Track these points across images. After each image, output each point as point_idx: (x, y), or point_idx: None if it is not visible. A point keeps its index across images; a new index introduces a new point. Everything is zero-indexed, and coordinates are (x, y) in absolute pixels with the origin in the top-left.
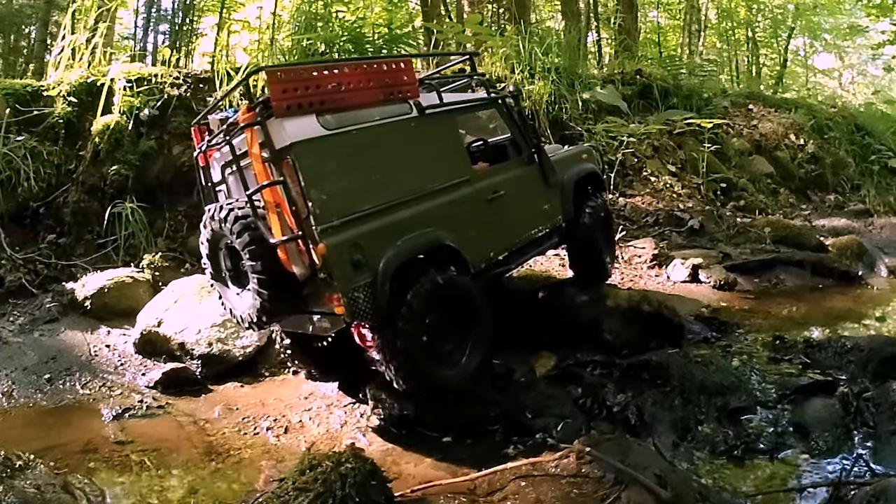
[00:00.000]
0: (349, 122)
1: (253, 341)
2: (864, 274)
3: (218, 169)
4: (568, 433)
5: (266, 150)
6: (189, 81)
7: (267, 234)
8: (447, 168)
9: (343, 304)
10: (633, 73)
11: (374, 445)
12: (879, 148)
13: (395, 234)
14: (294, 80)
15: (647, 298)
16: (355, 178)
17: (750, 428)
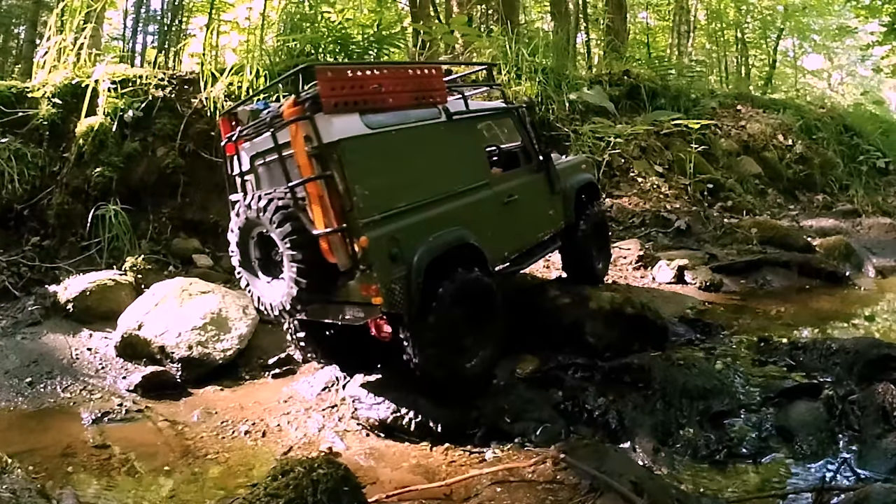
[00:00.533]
0: (388, 123)
1: (233, 344)
2: (852, 274)
3: (246, 159)
4: (547, 438)
5: (312, 144)
6: (174, 83)
7: (308, 225)
8: (471, 171)
9: (381, 294)
10: (620, 74)
11: (352, 450)
12: (868, 148)
13: (427, 230)
14: (342, 78)
15: (630, 300)
16: (393, 176)
17: (732, 432)
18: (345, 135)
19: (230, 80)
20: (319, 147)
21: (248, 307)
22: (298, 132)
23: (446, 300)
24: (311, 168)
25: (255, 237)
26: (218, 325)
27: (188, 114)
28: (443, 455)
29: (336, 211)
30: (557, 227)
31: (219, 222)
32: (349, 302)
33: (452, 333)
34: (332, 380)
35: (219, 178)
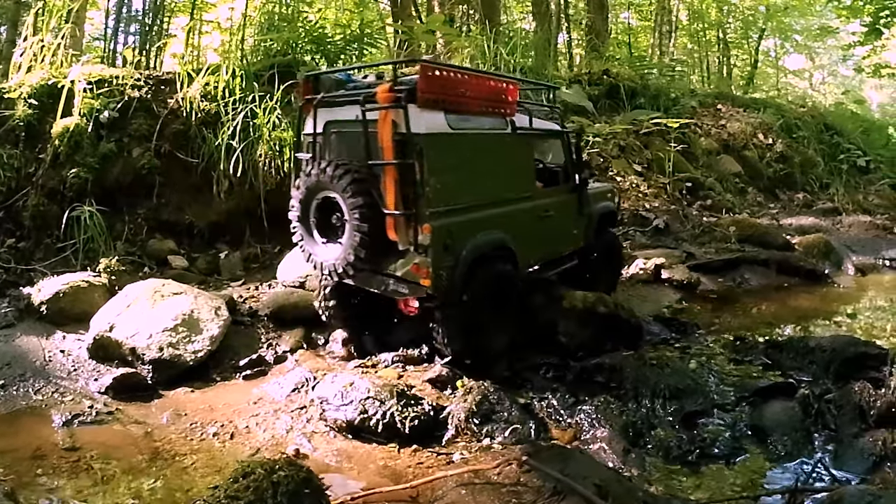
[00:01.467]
0: (465, 126)
1: (204, 346)
2: (831, 272)
3: (321, 123)
4: (516, 439)
5: (398, 130)
6: (150, 83)
7: (379, 202)
8: (521, 183)
9: (430, 278)
10: (600, 74)
11: (319, 451)
12: (848, 147)
13: (476, 229)
14: (440, 77)
15: (603, 300)
16: (460, 175)
17: (706, 432)
18: (431, 130)
19: (206, 80)
20: (407, 136)
21: (220, 308)
22: (388, 117)
23: (480, 287)
24: (393, 152)
25: (319, 199)
26: (189, 327)
27: (164, 114)
28: (410, 456)
29: (407, 196)
30: (577, 246)
31: (194, 223)
32: (396, 277)
33: (479, 315)
34: (302, 381)
35: (194, 178)
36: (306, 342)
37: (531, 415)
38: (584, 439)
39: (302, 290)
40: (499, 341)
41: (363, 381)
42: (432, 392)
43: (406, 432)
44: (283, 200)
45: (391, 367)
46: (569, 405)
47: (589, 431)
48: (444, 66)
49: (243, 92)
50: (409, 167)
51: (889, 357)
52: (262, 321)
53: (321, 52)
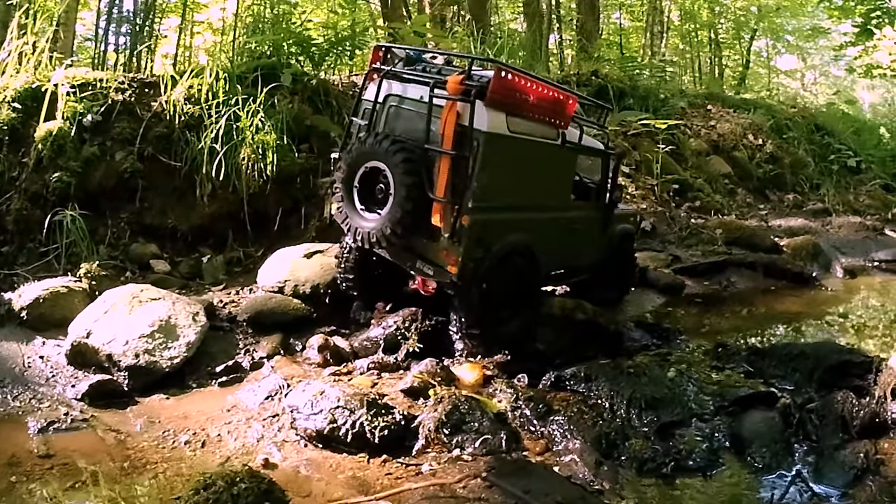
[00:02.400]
0: (522, 131)
1: (181, 352)
2: (819, 275)
3: (384, 94)
4: (486, 450)
5: (461, 123)
6: (134, 86)
7: (427, 187)
8: (559, 193)
9: (458, 266)
10: (589, 74)
11: (288, 461)
12: (839, 147)
13: (508, 229)
14: (510, 81)
15: (582, 306)
16: (507, 177)
17: (682, 444)
18: (491, 129)
19: (190, 82)
20: (468, 130)
21: (198, 314)
22: (454, 108)
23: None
24: (452, 142)
25: (367, 168)
26: (166, 333)
27: (147, 117)
28: (379, 467)
29: (456, 186)
30: (593, 262)
31: (177, 227)
32: (425, 258)
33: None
34: (276, 388)
35: (177, 182)
36: (284, 348)
37: (503, 425)
38: (556, 450)
39: (281, 294)
40: (513, 332)
41: (334, 390)
42: (404, 401)
43: (376, 442)
44: (267, 204)
45: (366, 375)
46: (542, 415)
47: (561, 443)
48: (517, 70)
49: (227, 95)
50: (463, 160)
51: (874, 365)
52: (241, 327)
53: (306, 55)
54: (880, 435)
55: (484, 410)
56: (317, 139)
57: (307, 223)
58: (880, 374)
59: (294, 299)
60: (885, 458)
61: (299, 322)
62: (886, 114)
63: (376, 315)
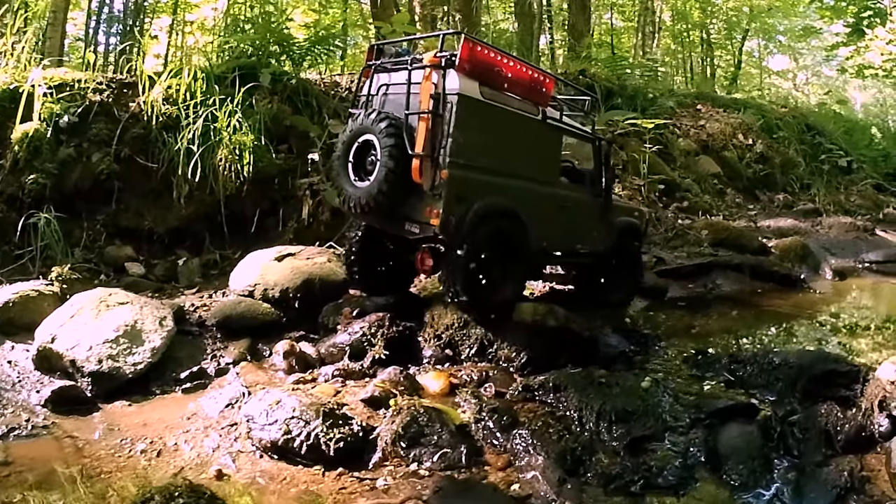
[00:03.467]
0: (497, 100)
1: (145, 358)
2: (808, 277)
3: (376, 85)
4: (445, 464)
5: (437, 88)
6: (113, 86)
7: (408, 147)
8: (544, 168)
9: (440, 218)
10: (576, 74)
11: (242, 473)
12: (830, 147)
13: (491, 190)
14: (479, 52)
15: (553, 312)
16: (483, 140)
17: (653, 459)
18: (464, 92)
19: (169, 83)
20: (442, 92)
21: (165, 318)
22: (430, 77)
23: (485, 238)
24: (428, 104)
25: (360, 143)
26: (131, 338)
27: (125, 118)
28: (334, 481)
29: (433, 143)
30: (594, 248)
31: (154, 229)
32: (411, 218)
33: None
34: (237, 396)
35: (154, 183)
36: (251, 353)
37: (465, 438)
38: (519, 466)
39: (250, 298)
40: (504, 293)
41: (290, 399)
42: (364, 411)
43: (331, 455)
44: (244, 205)
45: (330, 383)
46: (506, 427)
47: (524, 458)
48: (486, 44)
49: (204, 95)
50: (439, 117)
51: (861, 375)
52: (210, 331)
53: (286, 54)
54: (866, 450)
55: (445, 422)
56: (296, 139)
57: (285, 225)
58: (867, 385)
59: (263, 303)
60: (870, 476)
61: (268, 327)
62: (878, 114)
63: (342, 320)
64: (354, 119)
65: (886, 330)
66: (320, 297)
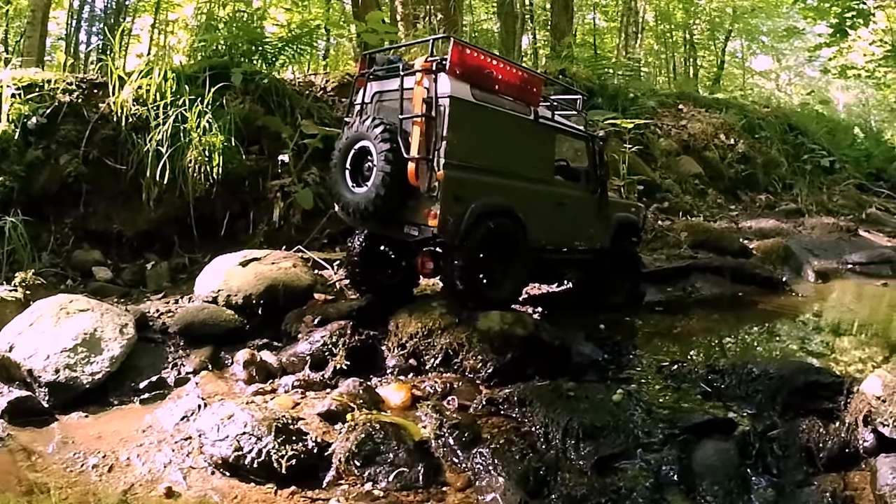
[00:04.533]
0: (488, 101)
1: (103, 367)
2: (790, 279)
3: (370, 93)
4: (401, 484)
5: (430, 92)
6: (83, 87)
7: (403, 151)
8: (538, 166)
9: (437, 220)
10: (556, 73)
11: (192, 490)
12: (813, 147)
13: (487, 190)
14: (469, 55)
15: (522, 321)
16: (477, 141)
17: (623, 479)
18: (455, 94)
19: (139, 83)
20: (434, 95)
21: (126, 326)
22: (422, 81)
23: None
24: (421, 108)
25: (356, 149)
26: (90, 347)
27: (94, 119)
28: (287, 499)
29: (428, 146)
30: (592, 245)
31: (122, 232)
32: (409, 222)
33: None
34: (193, 408)
35: (123, 186)
36: (213, 362)
37: (423, 455)
38: (479, 487)
39: (214, 305)
40: (504, 291)
41: (243, 414)
42: (321, 426)
43: (283, 472)
44: (214, 208)
45: (289, 394)
46: (467, 444)
47: (485, 478)
48: (476, 47)
49: (174, 95)
50: (432, 120)
51: (844, 386)
52: (173, 339)
53: (257, 52)
54: (850, 467)
55: (402, 439)
56: (267, 140)
57: (255, 227)
58: (851, 397)
59: (227, 310)
60: (854, 496)
61: (231, 334)
62: (861, 114)
63: (303, 328)
64: (350, 127)
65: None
66: (284, 304)
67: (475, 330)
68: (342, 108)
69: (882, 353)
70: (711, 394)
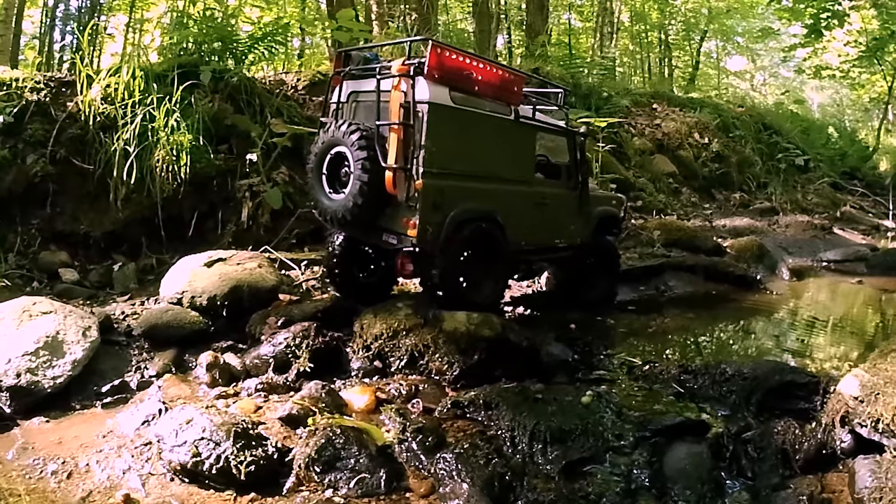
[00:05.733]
0: (468, 104)
1: (65, 371)
2: (764, 277)
3: (346, 93)
4: (362, 490)
5: (406, 98)
6: (51, 85)
7: (380, 159)
8: (518, 167)
9: (416, 229)
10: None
11: (151, 497)
12: (787, 146)
13: (467, 196)
14: (447, 58)
15: (489, 321)
16: (457, 146)
17: (592, 484)
18: (434, 100)
19: (107, 81)
20: (412, 102)
21: (89, 329)
22: (399, 85)
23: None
24: (399, 115)
25: (332, 154)
26: (52, 350)
27: (62, 118)
28: None
29: (406, 154)
30: (573, 241)
31: (90, 233)
32: (388, 229)
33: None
34: (154, 412)
35: (90, 186)
36: (177, 365)
37: (386, 461)
38: (443, 493)
39: (179, 306)
40: (485, 293)
41: (202, 418)
42: (281, 430)
43: (242, 479)
44: (182, 208)
45: (252, 397)
46: (431, 449)
47: (448, 484)
48: (454, 48)
49: (143, 94)
50: (410, 128)
51: (821, 386)
52: (138, 341)
53: (228, 51)
54: (827, 469)
55: (364, 444)
56: (236, 139)
57: (224, 227)
58: (828, 397)
59: (191, 312)
60: (832, 498)
61: (196, 336)
62: (835, 114)
63: (267, 330)
64: (326, 130)
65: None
66: (249, 305)
67: (441, 331)
68: (313, 107)
69: (858, 351)
70: (684, 395)
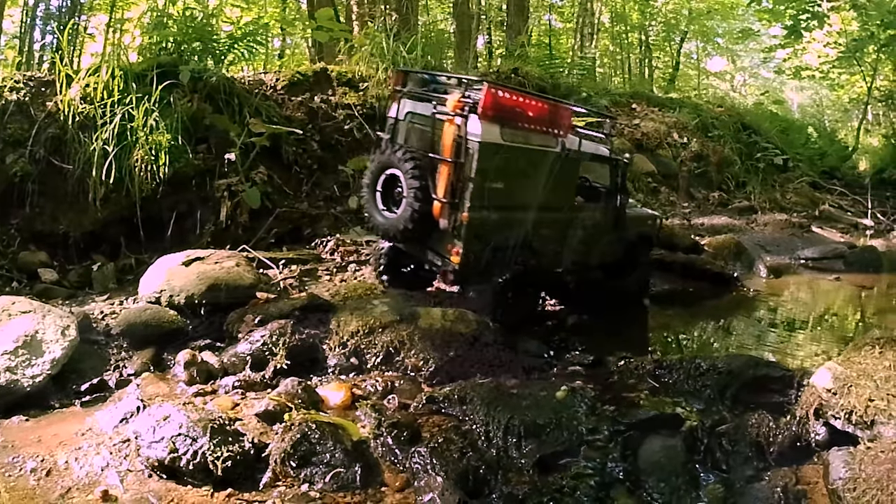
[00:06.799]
0: (517, 139)
1: (44, 370)
2: (742, 275)
3: (404, 111)
4: (338, 485)
5: (459, 134)
6: (31, 85)
7: (431, 188)
8: (561, 196)
9: (460, 257)
10: (508, 72)
11: (129, 493)
12: (766, 146)
13: (508, 228)
14: (501, 98)
15: (465, 318)
16: (504, 181)
17: (566, 478)
18: (486, 139)
19: (87, 81)
20: (464, 139)
21: (68, 328)
22: (453, 122)
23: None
24: (451, 152)
25: (387, 175)
26: (31, 349)
27: (41, 118)
28: (223, 502)
29: (455, 188)
30: (606, 261)
31: (69, 233)
32: (435, 251)
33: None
34: (132, 410)
35: (70, 185)
36: (155, 364)
37: (361, 456)
38: (418, 487)
39: (157, 305)
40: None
41: (179, 415)
42: (258, 426)
43: (219, 474)
44: (161, 208)
45: (230, 395)
46: (405, 443)
47: (423, 478)
48: (508, 87)
49: (122, 94)
50: (460, 165)
51: (795, 380)
52: (117, 340)
53: (208, 51)
54: (802, 461)
55: (339, 439)
56: (215, 139)
57: (202, 227)
58: (802, 391)
59: (170, 310)
60: (807, 490)
61: (174, 335)
62: (815, 114)
63: (244, 328)
64: (382, 150)
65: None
66: (226, 304)
67: (417, 327)
68: (292, 107)
69: (834, 347)
70: (659, 389)
